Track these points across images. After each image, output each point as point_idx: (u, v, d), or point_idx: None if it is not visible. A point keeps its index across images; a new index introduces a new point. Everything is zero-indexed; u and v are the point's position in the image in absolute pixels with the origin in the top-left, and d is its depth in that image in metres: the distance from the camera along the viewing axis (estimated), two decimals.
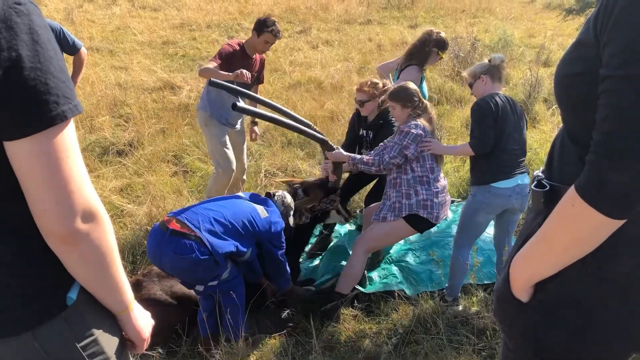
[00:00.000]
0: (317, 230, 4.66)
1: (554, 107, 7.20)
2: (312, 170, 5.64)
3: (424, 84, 4.73)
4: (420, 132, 3.47)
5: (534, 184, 1.25)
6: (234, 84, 3.85)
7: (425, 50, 4.47)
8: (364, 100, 4.05)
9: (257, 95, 3.97)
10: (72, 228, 1.00)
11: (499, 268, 3.73)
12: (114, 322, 1.21)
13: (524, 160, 3.44)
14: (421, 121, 3.55)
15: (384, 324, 3.45)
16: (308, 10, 12.39)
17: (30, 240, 1.03)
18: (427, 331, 3.25)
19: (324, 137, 3.71)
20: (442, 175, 3.70)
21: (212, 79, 3.76)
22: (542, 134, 6.39)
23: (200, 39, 10.29)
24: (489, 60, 3.54)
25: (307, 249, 4.51)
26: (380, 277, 4.04)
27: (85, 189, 1.02)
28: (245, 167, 5.07)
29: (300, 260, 4.28)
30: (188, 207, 3.19)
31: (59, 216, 0.98)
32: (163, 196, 4.81)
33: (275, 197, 3.62)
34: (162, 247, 2.92)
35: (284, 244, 3.43)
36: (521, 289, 1.22)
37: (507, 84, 7.83)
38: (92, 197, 1.03)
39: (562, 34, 11.24)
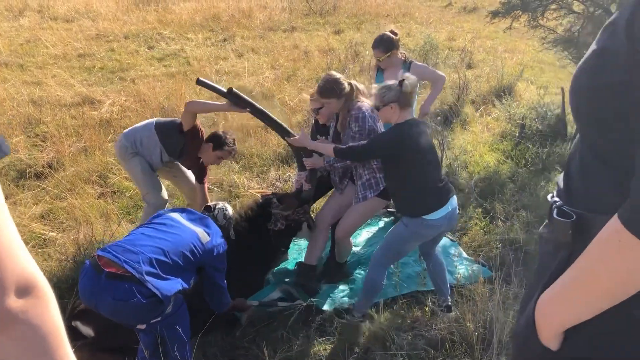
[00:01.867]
0: None
1: (481, 108, 7.35)
2: (249, 183, 5.42)
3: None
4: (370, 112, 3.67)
5: (555, 212, 1.09)
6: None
7: None
8: (319, 107, 3.96)
9: (245, 97, 3.82)
10: (4, 308, 0.75)
11: (431, 274, 3.58)
12: None
13: (446, 180, 3.28)
14: (366, 101, 3.73)
15: (339, 344, 3.30)
16: (231, 18, 12.10)
17: None
18: (385, 348, 3.13)
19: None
20: None
21: (200, 78, 3.76)
22: (473, 135, 6.49)
23: (119, 50, 9.79)
24: (400, 84, 3.11)
25: None
26: (329, 294, 3.91)
27: (18, 254, 0.78)
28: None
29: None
30: (121, 241, 2.89)
31: None
32: (90, 221, 4.46)
33: (216, 211, 3.43)
34: (99, 293, 2.62)
35: (226, 266, 3.21)
36: (551, 335, 1.08)
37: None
38: (27, 264, 0.79)
39: (480, 36, 11.57)
